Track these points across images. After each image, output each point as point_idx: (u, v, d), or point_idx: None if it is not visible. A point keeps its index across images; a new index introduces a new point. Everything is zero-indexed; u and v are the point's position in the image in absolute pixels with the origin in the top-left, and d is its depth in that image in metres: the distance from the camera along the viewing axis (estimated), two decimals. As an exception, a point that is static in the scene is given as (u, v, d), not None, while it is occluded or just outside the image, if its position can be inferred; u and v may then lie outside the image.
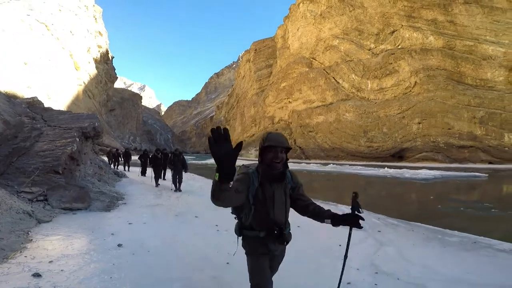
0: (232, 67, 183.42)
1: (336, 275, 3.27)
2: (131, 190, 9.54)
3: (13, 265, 2.97)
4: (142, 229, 4.96)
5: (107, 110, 65.57)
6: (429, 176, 18.82)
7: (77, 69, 46.02)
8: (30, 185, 5.86)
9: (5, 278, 2.66)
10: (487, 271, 3.47)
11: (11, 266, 2.93)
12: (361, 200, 5.87)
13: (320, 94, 52.64)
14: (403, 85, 42.52)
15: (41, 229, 4.36)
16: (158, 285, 2.85)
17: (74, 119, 10.43)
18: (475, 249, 4.43)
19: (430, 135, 38.29)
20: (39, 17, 37.75)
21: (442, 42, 39.41)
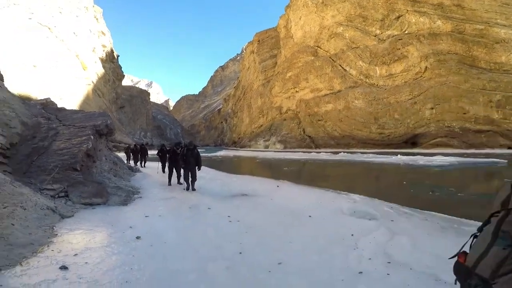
0: (236, 59, 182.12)
1: (348, 264, 3.35)
2: (145, 184, 9.79)
3: (42, 258, 3.16)
4: (158, 222, 5.14)
5: (117, 108, 66.53)
6: (445, 162, 18.35)
7: (84, 69, 46.69)
8: (51, 182, 6.11)
9: (36, 271, 2.84)
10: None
11: (40, 260, 3.11)
12: (373, 188, 5.98)
13: (327, 82, 51.93)
14: (413, 71, 41.53)
15: (65, 224, 4.57)
16: (175, 276, 2.97)
17: (87, 117, 10.69)
18: None
19: (444, 120, 37.42)
20: (41, 20, 38.19)
21: (451, 26, 38.25)
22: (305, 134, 55.47)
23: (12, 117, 6.78)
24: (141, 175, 12.31)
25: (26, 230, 3.77)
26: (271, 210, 6.24)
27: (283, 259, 3.50)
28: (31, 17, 36.66)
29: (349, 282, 2.94)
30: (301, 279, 2.98)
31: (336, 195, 8.14)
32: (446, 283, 2.90)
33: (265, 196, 7.85)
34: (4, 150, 5.80)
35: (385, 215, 5.78)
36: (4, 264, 2.90)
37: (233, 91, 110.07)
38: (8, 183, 4.69)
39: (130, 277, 2.84)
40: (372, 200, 7.37)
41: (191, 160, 8.33)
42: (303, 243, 4.11)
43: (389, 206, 6.63)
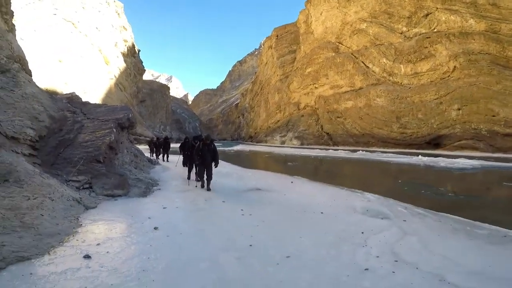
0: (254, 54, 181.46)
1: (355, 261, 3.41)
2: (164, 177, 10.14)
3: (67, 248, 3.42)
4: (175, 213, 5.38)
5: (138, 102, 68.41)
6: (467, 165, 17.64)
7: (107, 63, 48.13)
8: (77, 174, 6.50)
9: (62, 260, 3.09)
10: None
11: (66, 249, 3.37)
12: (389, 188, 6.02)
13: (348, 79, 50.75)
14: (440, 70, 39.66)
15: (89, 214, 4.87)
16: (188, 264, 3.16)
17: (110, 111, 11.16)
18: (504, 243, 4.27)
19: (471, 122, 35.59)
20: (65, 15, 39.43)
21: (485, 26, 36.03)
22: (323, 130, 54.72)
23: (40, 111, 7.23)
24: (160, 168, 12.72)
25: (53, 221, 4.05)
26: (283, 205, 6.35)
27: (292, 253, 3.62)
28: (56, 13, 38.05)
29: (354, 278, 3.01)
30: (308, 273, 3.09)
31: (350, 193, 8.11)
32: (450, 283, 2.92)
33: (279, 192, 7.95)
34: (34, 143, 6.22)
35: (398, 215, 5.75)
36: (34, 253, 3.15)
37: (251, 86, 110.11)
38: (37, 175, 5.04)
39: (147, 266, 3.04)
40: (386, 200, 7.30)
41: (207, 156, 7.56)
42: (313, 239, 4.20)
43: (403, 206, 6.56)
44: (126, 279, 2.75)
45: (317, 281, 2.92)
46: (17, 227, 3.49)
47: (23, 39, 25.56)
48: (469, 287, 2.87)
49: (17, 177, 4.45)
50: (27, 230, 3.53)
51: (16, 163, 4.82)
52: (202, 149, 7.62)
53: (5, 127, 5.51)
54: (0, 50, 6.79)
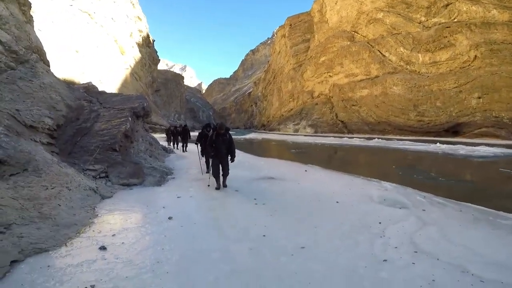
0: (267, 43, 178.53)
1: (372, 252, 3.31)
2: (178, 165, 10.23)
3: (84, 239, 3.45)
4: (189, 203, 5.40)
5: (153, 91, 69.17)
6: (488, 153, 16.93)
7: (122, 53, 48.62)
8: (93, 163, 6.63)
9: (78, 251, 3.12)
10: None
11: (83, 240, 3.41)
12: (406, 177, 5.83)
13: (364, 68, 49.54)
14: (460, 59, 38.42)
15: (105, 204, 4.93)
16: (201, 255, 3.15)
17: (125, 100, 11.28)
18: None
19: (492, 110, 34.55)
20: (81, 6, 39.85)
21: (508, 16, 34.58)
22: (337, 119, 53.86)
23: (58, 100, 7.35)
24: (174, 157, 12.86)
25: (71, 211, 4.07)
26: (297, 194, 6.26)
27: (306, 243, 3.54)
28: (72, 4, 38.49)
29: (372, 269, 2.92)
30: (323, 264, 3.01)
31: (367, 182, 7.93)
32: (473, 275, 2.79)
33: (292, 180, 7.85)
34: (52, 131, 6.35)
35: (417, 204, 5.57)
36: (51, 245, 3.17)
37: (263, 74, 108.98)
38: (55, 164, 5.15)
39: (161, 257, 3.04)
40: (404, 189, 7.08)
41: (222, 148, 6.39)
42: (328, 229, 4.11)
43: (422, 196, 6.35)
44: (140, 271, 2.76)
45: (332, 273, 2.85)
46: (35, 217, 3.50)
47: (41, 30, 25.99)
48: (493, 278, 2.74)
49: (35, 166, 4.54)
50: (45, 221, 3.54)
51: (34, 152, 4.92)
52: (216, 141, 6.39)
53: (24, 116, 5.63)
54: (19, 41, 6.88)
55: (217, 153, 6.43)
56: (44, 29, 29.90)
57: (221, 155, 6.43)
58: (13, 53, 6.58)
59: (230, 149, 6.52)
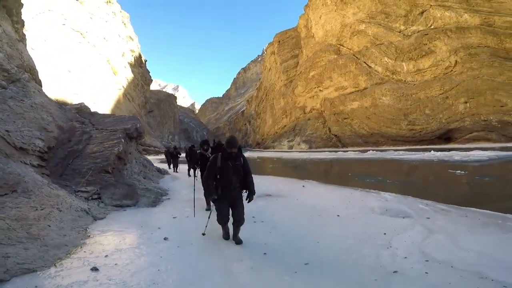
0: (257, 60, 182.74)
1: (381, 264, 3.16)
2: (173, 186, 10.01)
3: (75, 260, 3.28)
4: (185, 223, 5.20)
5: (146, 112, 69.23)
6: (483, 157, 17.13)
7: (115, 73, 48.84)
8: (85, 185, 6.42)
9: (69, 272, 2.95)
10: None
11: (73, 261, 3.24)
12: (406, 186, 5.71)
13: (352, 80, 50.68)
14: (442, 65, 39.75)
15: (97, 225, 4.75)
16: (200, 276, 2.97)
17: (118, 121, 11.16)
18: None
19: (480, 114, 35.33)
20: (74, 26, 40.07)
21: (479, 20, 36.36)
22: (331, 133, 54.32)
23: (49, 121, 7.21)
24: (169, 177, 12.65)
25: (61, 232, 3.95)
26: (296, 210, 6.10)
27: (310, 259, 3.38)
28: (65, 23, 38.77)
29: (383, 281, 2.77)
30: (329, 280, 2.85)
31: (366, 193, 7.81)
32: (493, 280, 2.65)
33: (290, 197, 7.69)
34: (42, 154, 6.17)
35: (420, 213, 5.46)
36: (40, 265, 3.02)
37: (255, 92, 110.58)
38: (45, 185, 4.97)
39: (157, 279, 2.87)
40: (405, 198, 6.99)
41: (233, 180, 3.95)
42: (332, 243, 3.95)
43: (424, 203, 6.25)
44: (135, 293, 2.57)
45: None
46: (23, 238, 3.39)
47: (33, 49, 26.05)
48: None
49: (25, 187, 4.38)
50: (33, 241, 3.43)
51: (24, 173, 4.75)
52: (223, 167, 3.89)
53: (14, 138, 5.47)
54: (11, 60, 6.81)
55: (225, 188, 3.94)
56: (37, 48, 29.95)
57: (232, 192, 3.98)
58: (5, 72, 6.49)
59: (246, 180, 4.09)
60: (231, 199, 4.04)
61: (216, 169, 3.91)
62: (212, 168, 3.94)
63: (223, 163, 3.91)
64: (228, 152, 3.88)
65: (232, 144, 3.85)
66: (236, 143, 3.90)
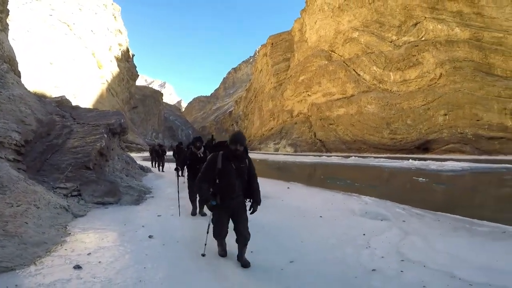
0: (249, 61, 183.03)
1: (361, 262, 3.30)
2: (157, 185, 9.87)
3: (55, 258, 3.18)
4: (170, 221, 5.16)
5: (130, 108, 67.70)
6: (457, 167, 18.02)
7: (100, 67, 47.60)
8: (65, 181, 6.22)
9: (50, 270, 2.86)
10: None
11: (54, 259, 3.13)
12: (385, 191, 5.93)
13: (340, 87, 51.74)
14: (427, 77, 41.28)
15: (78, 223, 4.62)
16: (188, 274, 2.97)
17: (101, 116, 10.86)
18: (505, 238, 4.30)
19: (457, 127, 36.93)
20: (61, 17, 38.80)
21: (469, 34, 38.01)
22: (316, 138, 55.19)
23: (27, 114, 6.95)
24: (153, 176, 12.45)
25: (39, 229, 3.81)
26: (282, 211, 6.19)
27: (295, 257, 3.49)
28: (52, 14, 37.46)
29: (362, 279, 2.93)
30: (314, 276, 2.99)
31: (347, 197, 8.05)
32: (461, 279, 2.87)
33: (276, 198, 7.79)
34: (19, 147, 5.94)
35: (397, 216, 5.73)
36: (18, 264, 2.92)
37: (245, 93, 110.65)
38: (21, 181, 4.78)
39: (144, 276, 2.84)
40: (383, 202, 7.28)
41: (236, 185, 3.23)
42: (315, 243, 4.09)
43: (401, 208, 6.56)
44: (122, 291, 2.55)
45: (325, 284, 2.83)
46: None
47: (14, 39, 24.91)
48: (482, 281, 2.82)
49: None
50: (10, 239, 3.28)
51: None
52: (225, 169, 3.19)
53: (-11, 131, 5.25)
54: None
55: (226, 196, 3.20)
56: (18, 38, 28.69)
57: (234, 201, 3.23)
58: (-18, 62, 6.22)
59: (251, 186, 3.33)
60: (233, 210, 3.26)
61: (215, 172, 3.16)
62: (210, 169, 3.18)
63: (225, 164, 3.15)
64: (231, 151, 3.13)
65: (238, 140, 3.11)
66: (243, 139, 3.17)
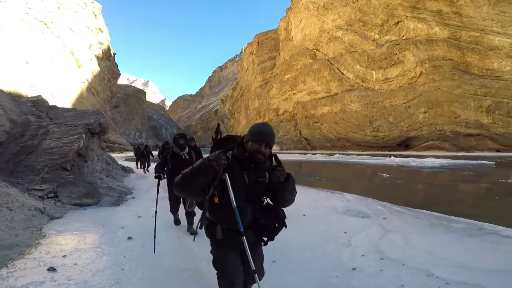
0: (235, 60, 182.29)
1: (342, 261, 3.34)
2: (139, 185, 9.66)
3: (29, 260, 3.08)
4: (151, 222, 5.03)
5: (112, 107, 66.00)
6: (436, 164, 18.68)
7: (79, 66, 46.26)
8: (40, 183, 5.99)
9: (23, 273, 2.77)
10: (492, 257, 3.48)
11: (27, 262, 3.03)
12: (366, 188, 5.99)
13: (324, 85, 52.47)
14: (408, 75, 42.44)
15: (54, 225, 4.48)
16: (168, 275, 2.92)
17: (79, 116, 10.53)
18: (480, 235, 4.42)
19: (437, 124, 38.24)
20: (38, 15, 37.76)
21: (448, 33, 39.23)
22: (301, 136, 55.77)
23: (0, 114, 6.63)
24: (135, 176, 12.18)
25: (12, 232, 3.69)
26: (265, 210, 6.20)
27: (277, 257, 3.48)
28: (28, 12, 36.23)
29: (343, 278, 2.95)
30: (296, 276, 2.99)
31: (330, 194, 8.16)
32: (438, 277, 2.93)
33: (260, 197, 7.79)
34: (-8, 148, 5.67)
35: (378, 213, 5.83)
36: None
37: (231, 92, 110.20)
38: (-6, 182, 4.58)
39: (121, 278, 2.78)
40: (365, 199, 7.42)
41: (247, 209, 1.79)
42: (298, 241, 4.09)
43: (382, 205, 6.69)
44: (98, 292, 2.48)
45: (306, 284, 2.83)
46: None
47: None
48: (457, 280, 2.88)
49: (-31, 186, 3.99)
50: None
51: (-32, 171, 4.33)
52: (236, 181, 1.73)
53: (-44, 132, 4.96)
54: None
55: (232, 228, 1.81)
56: None
57: None
58: None
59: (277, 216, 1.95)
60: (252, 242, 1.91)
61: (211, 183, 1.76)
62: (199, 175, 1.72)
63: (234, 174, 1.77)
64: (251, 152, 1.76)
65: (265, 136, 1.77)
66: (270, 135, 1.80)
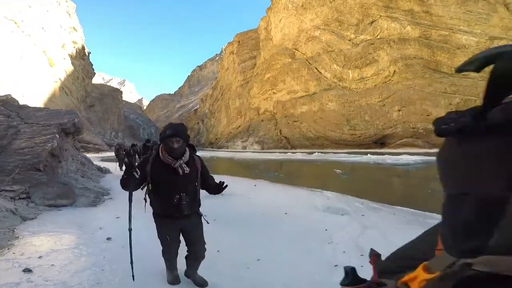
0: (215, 59, 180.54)
1: (324, 258, 3.44)
2: (116, 185, 9.33)
3: (2, 261, 2.95)
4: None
5: (86, 106, 63.38)
6: (410, 161, 19.53)
7: (51, 65, 44.25)
8: (11, 183, 5.69)
9: None
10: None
11: (1, 263, 2.91)
12: (346, 186, 6.23)
13: (303, 85, 53.17)
14: (382, 74, 43.79)
15: (27, 226, 4.31)
16: (149, 276, 2.89)
17: (52, 115, 10.09)
18: None
19: (410, 122, 39.79)
20: (7, 14, 36.28)
21: (419, 32, 40.79)
22: (281, 135, 56.23)
23: (-35, 113, 6.23)
24: (111, 176, 11.81)
25: (-18, 234, 3.50)
26: (248, 208, 6.24)
27: (261, 255, 3.53)
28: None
29: (325, 275, 3.02)
30: (280, 274, 3.03)
31: (311, 192, 8.33)
32: None
33: (242, 195, 7.81)
34: (-44, 149, 5.31)
35: (357, 210, 6.02)
36: None
37: (211, 91, 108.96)
38: (-40, 184, 4.30)
39: (102, 279, 2.72)
40: (344, 196, 7.64)
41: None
42: (280, 240, 4.16)
43: (360, 202, 6.91)
44: (77, 293, 2.41)
45: (291, 281, 2.88)
46: None
47: None
48: None
49: None
50: None
51: None
52: None
53: None
54: None
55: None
56: None
57: None
58: None
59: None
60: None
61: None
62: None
63: None
64: None
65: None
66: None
